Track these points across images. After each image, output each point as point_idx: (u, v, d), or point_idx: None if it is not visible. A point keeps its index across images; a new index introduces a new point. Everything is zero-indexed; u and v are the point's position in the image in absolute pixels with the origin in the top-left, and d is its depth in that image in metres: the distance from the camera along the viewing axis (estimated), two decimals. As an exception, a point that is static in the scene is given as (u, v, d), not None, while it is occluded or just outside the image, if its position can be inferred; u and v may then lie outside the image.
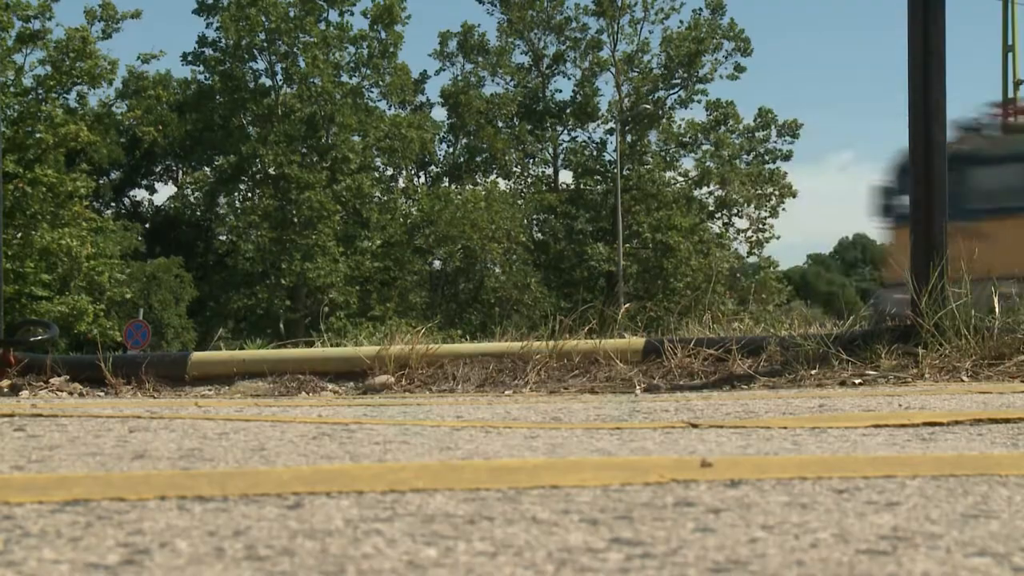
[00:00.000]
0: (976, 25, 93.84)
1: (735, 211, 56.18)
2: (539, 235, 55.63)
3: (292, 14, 51.01)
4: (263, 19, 50.55)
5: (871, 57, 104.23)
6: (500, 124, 56.12)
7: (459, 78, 56.66)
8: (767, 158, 56.87)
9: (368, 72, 52.78)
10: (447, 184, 55.60)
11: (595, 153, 56.53)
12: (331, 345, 7.64)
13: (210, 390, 6.53)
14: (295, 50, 50.96)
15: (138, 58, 46.79)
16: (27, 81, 38.12)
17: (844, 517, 2.05)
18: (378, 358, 6.64)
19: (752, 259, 56.49)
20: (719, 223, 56.41)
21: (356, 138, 51.32)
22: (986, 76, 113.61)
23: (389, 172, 55.10)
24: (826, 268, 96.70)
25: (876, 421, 3.70)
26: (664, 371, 6.24)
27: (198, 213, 56.65)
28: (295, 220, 49.16)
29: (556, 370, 6.43)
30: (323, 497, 2.24)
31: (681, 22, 56.55)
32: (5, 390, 6.45)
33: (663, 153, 55.93)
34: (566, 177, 56.85)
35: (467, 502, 2.20)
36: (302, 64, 50.62)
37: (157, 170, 61.27)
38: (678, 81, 56.17)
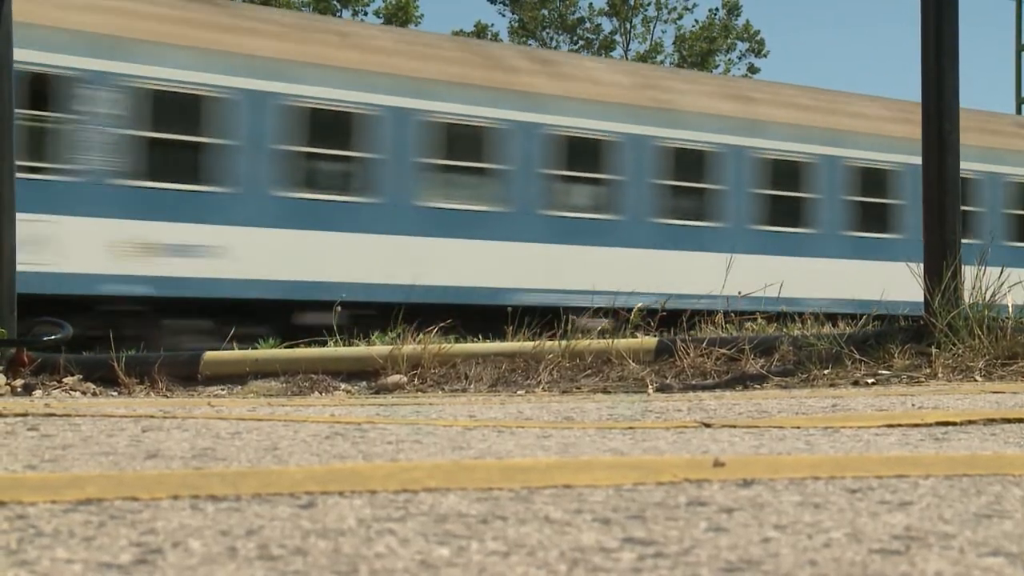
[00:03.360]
0: (989, 26, 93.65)
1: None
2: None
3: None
4: (276, 19, 50.68)
5: (885, 57, 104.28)
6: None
7: (472, 78, 56.69)
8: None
9: (381, 71, 52.93)
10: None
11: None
12: (343, 344, 7.63)
13: (223, 389, 6.53)
14: (308, 49, 51.12)
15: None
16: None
17: (857, 517, 2.05)
18: (390, 357, 6.64)
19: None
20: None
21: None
22: (999, 77, 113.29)
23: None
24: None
25: (889, 421, 3.69)
26: (677, 371, 6.23)
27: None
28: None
29: (568, 370, 6.42)
30: (336, 496, 2.24)
31: (696, 21, 56.50)
32: (19, 389, 6.46)
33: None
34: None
35: (480, 502, 2.20)
36: (315, 64, 50.77)
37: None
38: (690, 80, 56.13)
